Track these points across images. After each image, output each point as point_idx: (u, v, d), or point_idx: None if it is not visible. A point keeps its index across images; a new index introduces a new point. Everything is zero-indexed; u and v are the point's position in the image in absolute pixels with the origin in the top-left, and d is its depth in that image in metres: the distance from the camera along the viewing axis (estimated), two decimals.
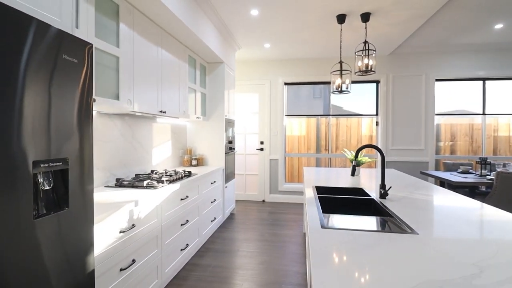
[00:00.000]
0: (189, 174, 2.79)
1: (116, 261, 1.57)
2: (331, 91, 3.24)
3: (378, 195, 1.88)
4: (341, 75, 3.13)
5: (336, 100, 5.16)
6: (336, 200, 1.86)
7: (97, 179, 2.15)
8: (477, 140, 4.90)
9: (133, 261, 1.73)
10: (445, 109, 4.85)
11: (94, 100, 1.69)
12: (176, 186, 2.31)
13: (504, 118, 4.82)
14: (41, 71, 0.97)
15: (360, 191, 2.15)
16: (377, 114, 4.93)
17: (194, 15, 2.74)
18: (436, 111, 4.79)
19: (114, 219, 1.54)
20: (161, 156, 3.12)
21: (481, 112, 4.74)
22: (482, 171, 3.60)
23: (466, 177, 3.46)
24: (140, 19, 2.23)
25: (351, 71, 3.25)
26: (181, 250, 2.46)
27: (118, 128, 2.39)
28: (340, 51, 3.16)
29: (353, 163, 1.84)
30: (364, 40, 3.15)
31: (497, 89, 4.71)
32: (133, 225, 1.72)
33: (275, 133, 5.07)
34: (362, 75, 3.14)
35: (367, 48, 3.02)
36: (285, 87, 5.15)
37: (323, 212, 1.71)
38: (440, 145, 4.97)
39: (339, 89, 3.19)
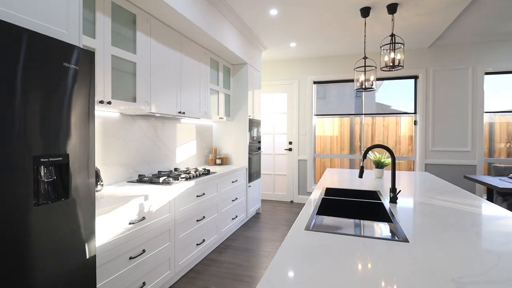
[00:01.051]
0: (208, 172, 2.90)
1: (125, 250, 1.71)
2: (354, 88, 3.09)
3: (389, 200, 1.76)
4: (364, 71, 2.97)
5: (372, 98, 4.89)
6: (342, 203, 1.78)
7: (121, 174, 2.36)
8: None
9: (143, 251, 1.86)
10: (498, 106, 4.28)
11: (110, 103, 1.86)
12: (191, 183, 2.42)
13: None
14: (42, 78, 1.12)
15: (374, 195, 2.02)
16: (415, 113, 4.55)
17: (212, 19, 2.84)
18: (486, 109, 4.26)
19: (123, 211, 1.68)
20: (185, 155, 3.28)
21: None
22: None
23: None
24: (158, 26, 2.38)
25: (376, 67, 3.05)
26: (197, 244, 2.57)
27: (142, 128, 2.58)
28: (364, 46, 2.99)
29: (361, 164, 1.74)
30: (391, 33, 2.94)
31: None
32: (143, 218, 1.85)
33: (303, 133, 4.98)
34: (389, 70, 2.94)
35: (393, 41, 2.82)
36: (314, 86, 5.03)
37: (322, 215, 1.65)
38: (494, 146, 4.41)
39: (363, 86, 3.03)
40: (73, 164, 1.24)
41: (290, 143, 5.07)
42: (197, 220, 2.56)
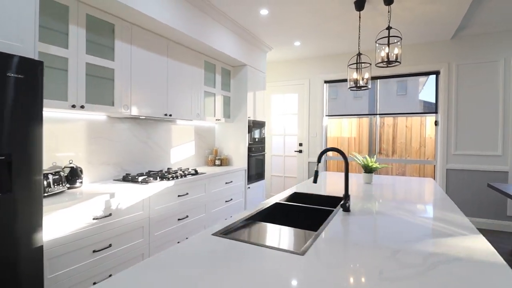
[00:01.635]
0: (196, 173, 2.97)
1: (88, 243, 1.84)
2: (348, 86, 2.91)
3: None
4: (357, 68, 2.78)
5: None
6: (295, 209, 1.71)
7: (109, 173, 2.54)
8: None
9: (110, 245, 1.99)
10: None
11: (83, 107, 2.02)
12: (170, 183, 2.50)
13: None
14: None
15: (337, 201, 1.90)
16: (436, 112, 4.12)
17: (203, 25, 2.91)
18: None
19: (86, 207, 1.81)
20: (181, 155, 3.40)
21: None
22: None
23: None
24: (141, 34, 2.52)
25: (370, 64, 2.84)
26: (178, 242, 2.65)
27: (130, 129, 2.75)
28: (359, 41, 2.80)
29: (316, 169, 1.65)
30: (387, 26, 2.71)
31: None
32: (110, 214, 1.98)
33: (313, 135, 4.82)
34: (386, 66, 2.71)
35: (389, 35, 2.60)
36: (326, 85, 4.84)
37: (263, 221, 1.60)
38: None
39: (357, 84, 2.84)
40: (17, 163, 1.39)
41: (300, 144, 4.94)
42: (179, 219, 2.65)
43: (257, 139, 4.11)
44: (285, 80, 5.06)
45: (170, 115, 2.84)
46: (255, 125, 4.04)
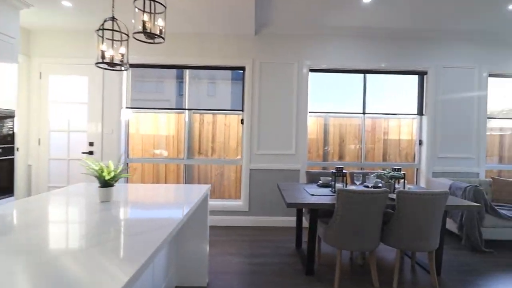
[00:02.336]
0: None
1: None
2: (95, 62, 2.04)
3: None
4: (112, 40, 1.95)
5: (199, 92, 4.03)
6: None
7: None
8: (371, 144, 4.21)
9: None
10: (327, 107, 4.05)
11: None
12: None
13: (394, 119, 4.20)
14: None
15: None
16: (242, 110, 3.93)
17: None
18: (312, 108, 3.96)
19: None
20: None
21: (361, 111, 4.04)
22: (338, 184, 2.76)
23: (315, 193, 2.57)
24: None
25: (128, 36, 2.10)
26: None
27: None
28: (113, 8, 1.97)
29: None
30: None
31: (381, 83, 4.05)
32: None
33: (109, 132, 3.75)
34: (148, 42, 2.00)
35: None
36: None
37: None
38: (327, 149, 4.19)
39: (109, 60, 2.00)
40: None
41: (91, 144, 3.76)
42: None
43: None
44: (71, 57, 3.73)
45: None
46: None
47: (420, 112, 3.99)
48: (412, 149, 4.25)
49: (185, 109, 3.98)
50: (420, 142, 4.02)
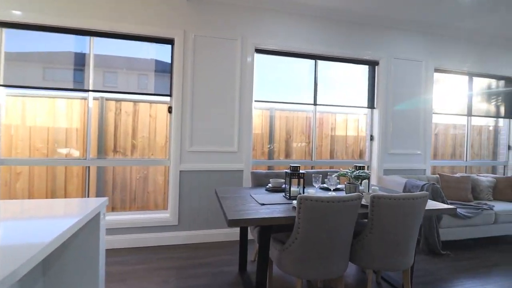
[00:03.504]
0: None
1: None
2: None
3: None
4: None
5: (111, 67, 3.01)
6: None
7: None
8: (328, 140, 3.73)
9: None
10: (272, 96, 3.45)
11: None
12: None
13: (341, 114, 3.82)
14: None
15: None
16: (170, 95, 3.07)
17: None
18: (258, 97, 3.32)
19: None
20: None
21: (312, 102, 3.56)
22: (293, 188, 2.14)
23: (265, 202, 1.90)
24: None
25: None
26: None
27: None
28: None
29: None
30: None
31: (336, 72, 3.62)
32: None
33: None
34: None
35: None
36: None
37: None
38: (271, 147, 3.58)
39: None
40: None
41: None
42: None
43: None
44: None
45: None
46: None
47: (371, 105, 3.69)
48: (358, 145, 3.96)
49: (87, 90, 2.92)
50: (372, 138, 3.73)
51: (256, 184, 2.66)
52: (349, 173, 2.18)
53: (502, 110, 4.24)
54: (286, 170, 2.16)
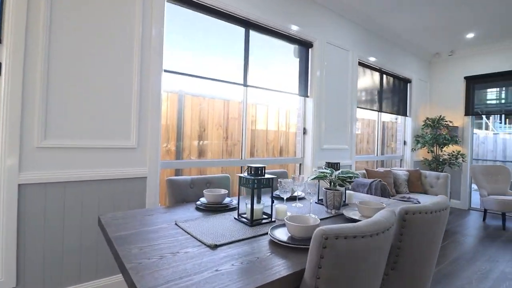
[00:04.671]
0: None
1: None
2: None
3: None
4: None
5: None
6: None
7: None
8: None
9: None
10: (188, 67, 2.41)
11: None
12: None
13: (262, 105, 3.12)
14: None
15: None
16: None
17: None
18: (170, 66, 2.23)
19: None
20: None
21: (242, 82, 2.73)
22: (256, 206, 1.25)
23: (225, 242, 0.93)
24: None
25: None
26: None
27: None
28: None
29: None
30: None
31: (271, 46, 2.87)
32: None
33: None
34: None
35: None
36: None
37: None
38: (185, 144, 2.53)
39: None
40: None
41: None
42: None
43: None
44: None
45: None
46: None
47: (304, 93, 3.17)
48: (278, 141, 3.40)
49: None
50: (305, 131, 3.22)
51: (177, 200, 1.60)
52: (330, 175, 1.46)
53: (401, 108, 4.58)
54: (240, 175, 1.24)
